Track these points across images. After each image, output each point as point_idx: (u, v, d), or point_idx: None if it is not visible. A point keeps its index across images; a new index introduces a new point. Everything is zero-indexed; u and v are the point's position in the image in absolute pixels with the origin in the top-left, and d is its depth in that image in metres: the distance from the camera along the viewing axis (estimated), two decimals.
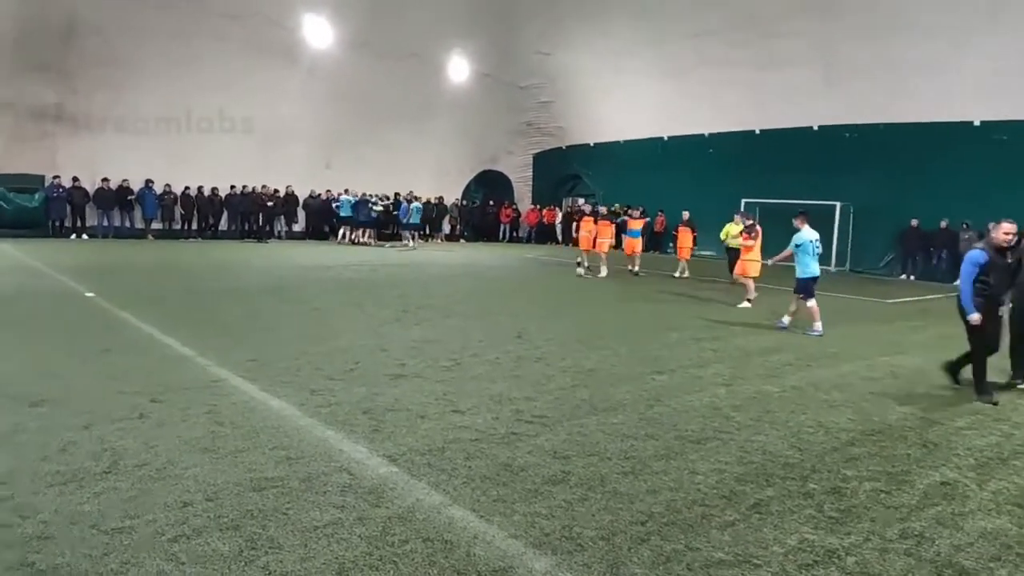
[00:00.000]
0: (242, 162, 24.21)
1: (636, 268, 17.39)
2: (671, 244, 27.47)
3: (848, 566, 3.31)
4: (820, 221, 21.93)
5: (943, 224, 19.75)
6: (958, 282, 6.63)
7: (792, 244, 10.35)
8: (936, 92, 19.52)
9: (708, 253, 22.67)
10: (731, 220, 15.98)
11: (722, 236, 16.32)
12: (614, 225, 18.37)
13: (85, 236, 21.58)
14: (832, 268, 21.82)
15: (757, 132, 24.45)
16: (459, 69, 29.71)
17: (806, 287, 10.07)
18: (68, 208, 21.49)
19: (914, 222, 20.41)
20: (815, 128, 22.90)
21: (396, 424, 5.07)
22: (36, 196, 21.02)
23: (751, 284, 12.90)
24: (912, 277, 20.63)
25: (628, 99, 27.56)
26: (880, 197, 21.19)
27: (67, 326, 8.19)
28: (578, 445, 4.79)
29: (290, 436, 4.73)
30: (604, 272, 16.46)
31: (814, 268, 10.14)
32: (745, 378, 7.00)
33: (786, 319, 10.33)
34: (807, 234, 10.24)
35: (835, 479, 4.40)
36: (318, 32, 25.37)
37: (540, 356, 7.61)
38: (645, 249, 19.75)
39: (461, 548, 3.32)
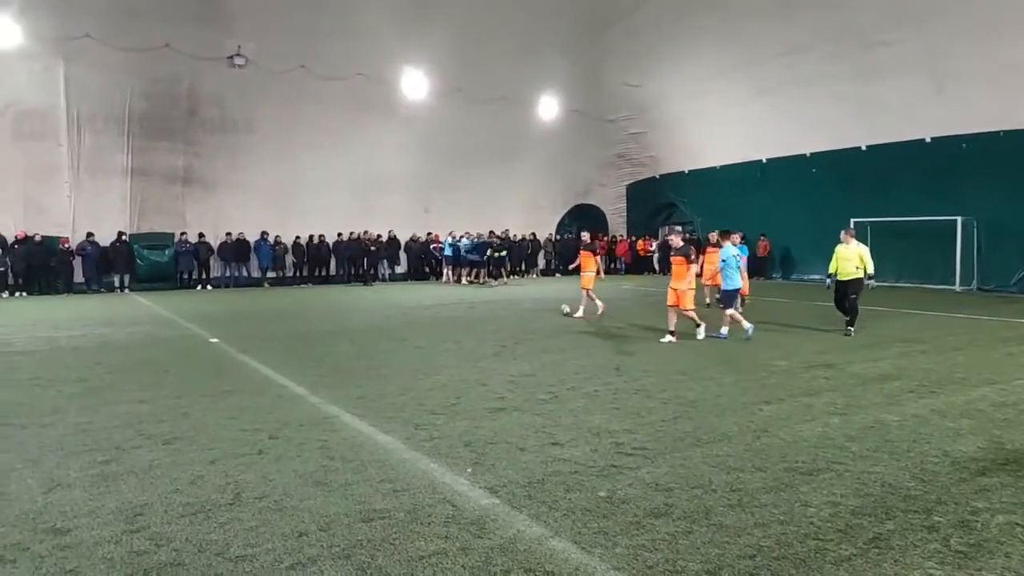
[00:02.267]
0: (346, 210, 25.72)
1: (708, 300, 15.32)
2: (777, 270, 26.55)
3: None
4: (940, 237, 20.72)
5: None
6: None
7: (720, 260, 11.54)
8: None
9: (815, 277, 21.67)
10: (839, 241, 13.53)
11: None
12: (598, 256, 15.64)
13: (209, 287, 23.39)
14: (957, 287, 20.27)
15: (863, 148, 23.30)
16: (548, 107, 30.24)
17: (731, 298, 11.36)
18: (194, 261, 23.40)
19: None
20: (928, 140, 21.54)
21: (496, 456, 5.14)
22: (166, 252, 23.09)
23: (694, 314, 10.99)
24: None
25: (721, 124, 27.07)
26: (1007, 210, 19.62)
27: (195, 369, 8.87)
28: (681, 477, 4.67)
29: (396, 469, 4.89)
30: (580, 311, 14.18)
31: (738, 281, 11.52)
32: (861, 407, 6.60)
33: (724, 329, 11.24)
34: (731, 250, 11.59)
35: (963, 512, 4.06)
36: (413, 84, 26.64)
37: (639, 388, 7.50)
38: (749, 275, 17.50)
39: None
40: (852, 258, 11.24)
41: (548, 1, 26.81)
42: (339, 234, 25.92)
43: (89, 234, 21.65)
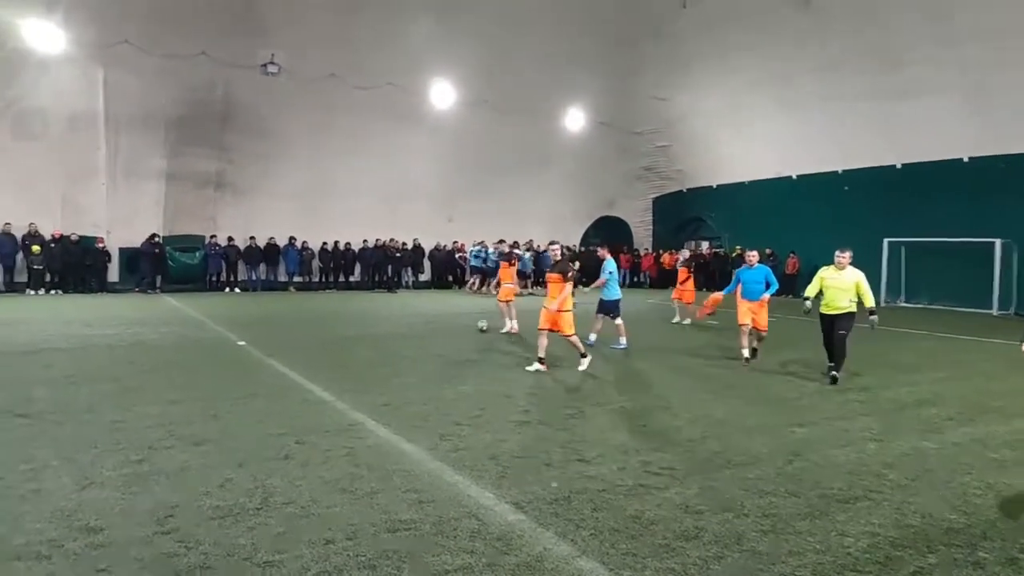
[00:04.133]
0: (372, 218, 25.96)
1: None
2: (803, 288, 26.10)
3: None
4: (978, 259, 20.26)
5: None
6: None
7: (605, 272, 11.70)
8: None
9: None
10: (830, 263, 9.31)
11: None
12: (514, 266, 14.65)
13: (237, 289, 23.68)
14: (994, 311, 19.79)
15: (898, 166, 22.92)
16: (575, 119, 30.23)
17: (615, 307, 11.68)
18: (223, 264, 23.73)
19: None
20: (965, 160, 21.12)
21: (522, 471, 5.09)
22: (197, 254, 23.45)
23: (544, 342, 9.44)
24: None
25: (751, 139, 26.85)
26: None
27: (223, 372, 8.96)
28: (711, 500, 4.58)
29: (421, 479, 4.87)
30: (511, 325, 13.16)
31: (617, 291, 11.79)
32: (898, 433, 6.44)
33: (592, 336, 11.56)
34: (612, 264, 11.94)
35: (1011, 548, 3.92)
36: (442, 94, 26.83)
37: (666, 405, 7.41)
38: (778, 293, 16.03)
39: None
40: (846, 288, 8.79)
41: (577, 14, 26.91)
42: (364, 241, 26.13)
43: (153, 235, 22.24)
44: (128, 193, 22.58)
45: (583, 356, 9.39)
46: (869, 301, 8.80)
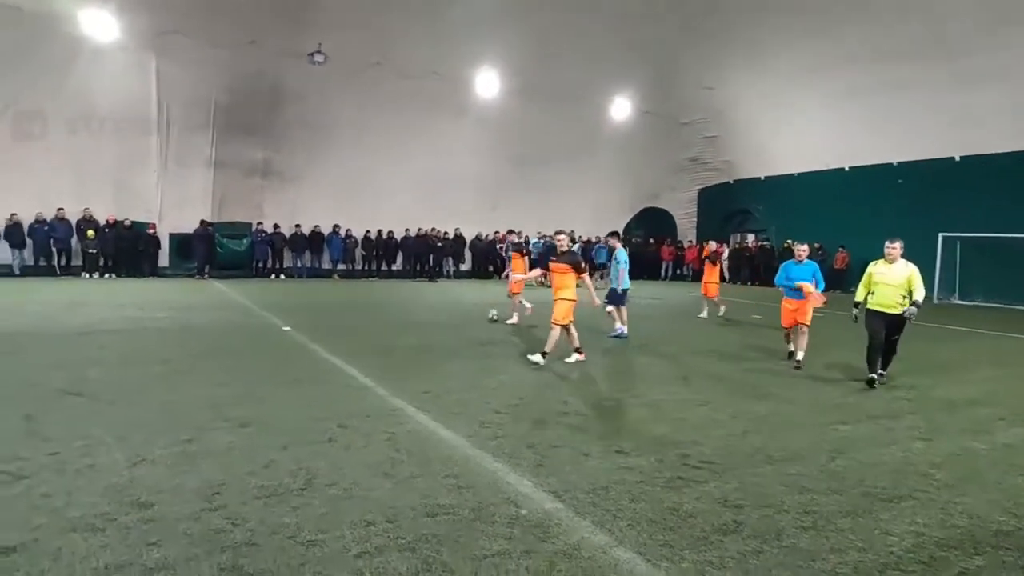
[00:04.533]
0: (415, 207, 26.20)
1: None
2: (855, 284, 25.43)
3: None
4: None
5: None
6: None
7: (622, 263, 11.62)
8: None
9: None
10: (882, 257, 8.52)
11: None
12: (525, 257, 14.59)
13: (283, 276, 24.20)
14: None
15: (957, 159, 22.11)
16: (620, 108, 29.94)
17: (625, 297, 11.71)
18: (269, 251, 24.26)
19: None
20: None
21: (560, 460, 5.11)
22: (244, 241, 24.04)
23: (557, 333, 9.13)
24: None
25: (802, 129, 26.19)
26: None
27: (269, 356, 9.18)
28: (751, 495, 4.53)
29: (460, 465, 4.93)
30: (515, 318, 13.13)
31: (628, 281, 11.73)
32: (946, 432, 6.26)
33: (622, 327, 11.64)
34: (624, 253, 11.82)
35: None
36: (486, 83, 26.85)
37: (706, 400, 7.33)
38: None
39: None
40: (899, 283, 8.05)
41: (623, 1, 26.55)
42: (407, 230, 26.41)
43: (203, 221, 23.01)
44: (178, 180, 23.26)
45: (577, 350, 9.20)
46: (919, 294, 8.00)
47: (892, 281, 8.10)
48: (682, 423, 6.31)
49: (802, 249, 9.84)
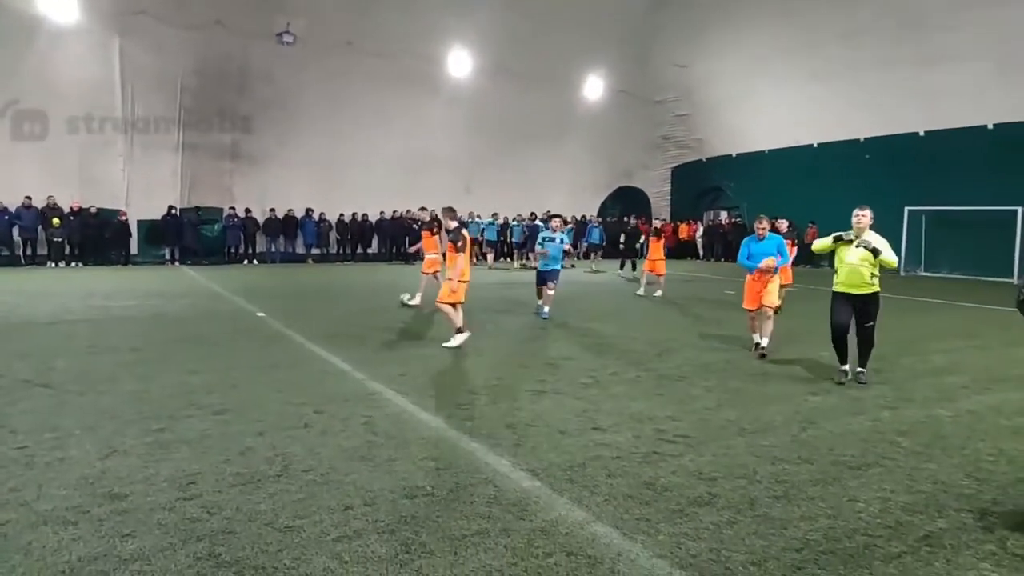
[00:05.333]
0: (389, 188, 25.90)
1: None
2: (825, 259, 25.82)
3: None
4: (1000, 228, 19.89)
5: None
6: None
7: (556, 241, 11.58)
8: None
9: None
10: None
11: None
12: (436, 236, 13.78)
13: (255, 261, 23.88)
14: (1016, 280, 19.49)
15: (921, 134, 22.47)
16: (594, 87, 29.87)
17: (555, 276, 11.65)
18: (241, 236, 23.89)
19: None
20: (990, 127, 20.65)
21: (537, 439, 5.14)
22: (215, 226, 23.64)
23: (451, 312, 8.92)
24: None
25: (772, 106, 26.40)
26: None
27: (242, 342, 9.08)
28: (725, 467, 4.61)
29: (438, 447, 4.94)
30: (417, 299, 12.74)
31: (558, 262, 11.79)
32: (912, 401, 6.42)
33: (546, 308, 11.57)
34: (548, 232, 11.85)
35: (1022, 515, 3.92)
36: (459, 62, 26.58)
37: (683, 375, 7.41)
38: (795, 263, 14.02)
39: (605, 564, 3.31)
40: (865, 259, 6.89)
41: None
42: (381, 212, 26.17)
43: (231, 208, 22.90)
44: (145, 165, 22.73)
45: (459, 331, 8.72)
46: (887, 260, 6.83)
47: (859, 256, 6.92)
48: (659, 398, 6.38)
49: (762, 226, 8.69)
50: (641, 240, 20.28)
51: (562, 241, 11.82)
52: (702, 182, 31.68)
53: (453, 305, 8.78)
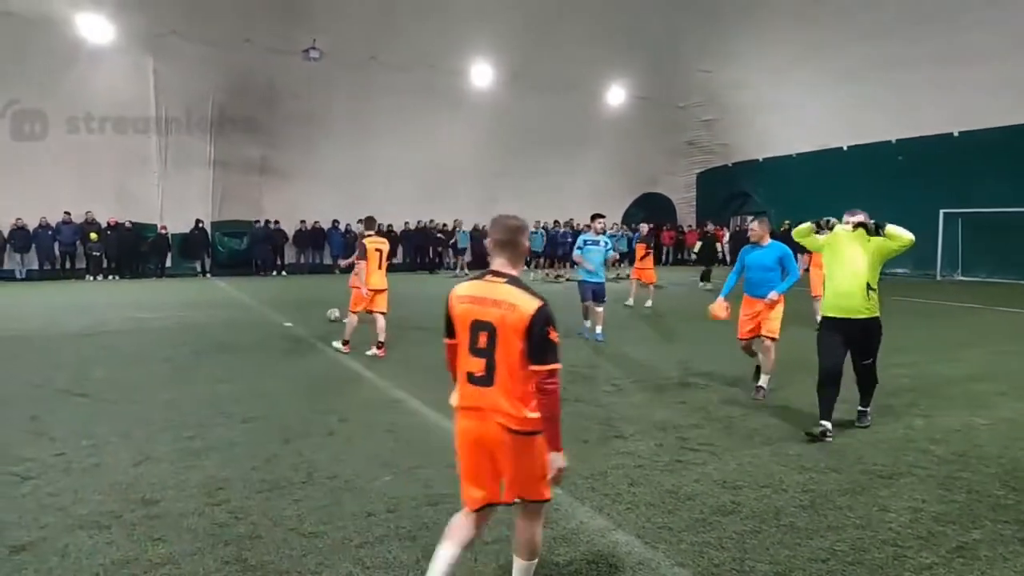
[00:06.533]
0: (414, 199, 26.13)
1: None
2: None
3: None
4: None
5: None
6: None
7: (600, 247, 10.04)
8: None
9: (898, 271, 20.71)
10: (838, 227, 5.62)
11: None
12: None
13: (284, 272, 24.24)
14: None
15: (956, 134, 21.97)
16: (616, 94, 29.84)
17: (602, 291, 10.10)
18: (270, 248, 24.30)
19: None
20: None
21: None
22: (244, 239, 24.09)
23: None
24: None
25: (799, 110, 26.05)
26: None
27: (270, 352, 9.22)
28: (749, 476, 4.56)
29: None
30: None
31: (602, 273, 10.10)
32: (946, 408, 6.28)
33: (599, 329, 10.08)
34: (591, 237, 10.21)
35: None
36: (481, 74, 26.78)
37: (707, 383, 7.34)
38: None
39: (626, 572, 3.30)
40: (863, 269, 5.26)
41: None
42: (406, 223, 26.42)
43: (257, 221, 23.38)
44: (178, 180, 23.23)
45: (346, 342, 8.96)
46: (898, 234, 5.16)
47: (854, 266, 5.28)
48: (682, 407, 6.33)
49: (755, 226, 7.00)
50: (719, 247, 19.69)
51: (606, 246, 10.11)
52: (728, 188, 31.38)
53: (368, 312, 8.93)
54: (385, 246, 9.35)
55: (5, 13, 19.31)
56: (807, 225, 5.62)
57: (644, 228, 16.31)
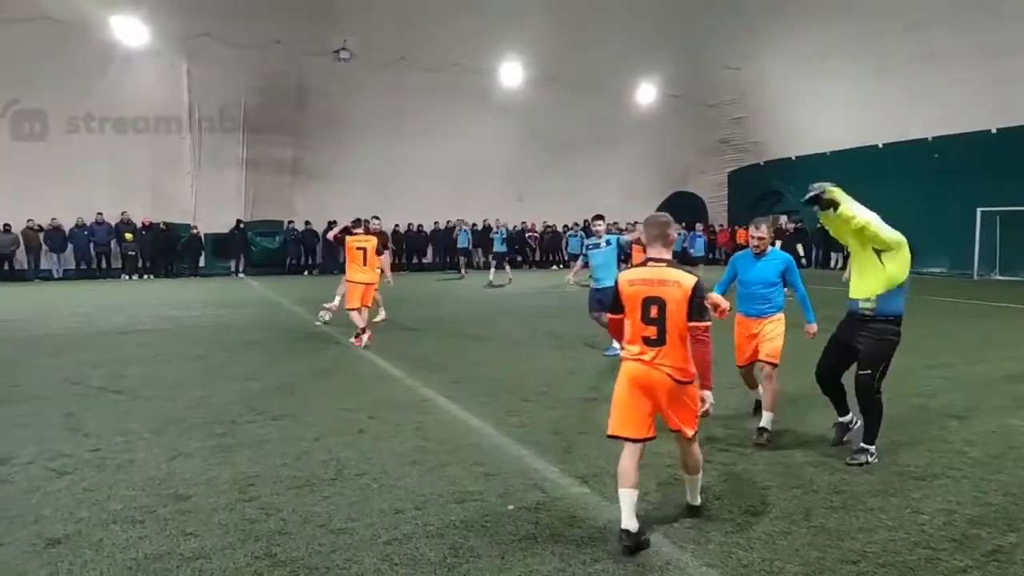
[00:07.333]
0: (442, 199, 26.33)
1: None
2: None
3: None
4: None
5: None
6: None
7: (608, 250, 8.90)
8: None
9: (935, 270, 20.24)
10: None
11: None
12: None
13: (315, 272, 24.54)
14: None
15: (994, 131, 21.38)
16: (646, 93, 29.65)
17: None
18: (301, 248, 24.62)
19: None
20: None
21: (587, 446, 5.12)
22: (276, 239, 24.44)
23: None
24: None
25: (832, 106, 25.59)
26: None
27: (300, 350, 9.35)
28: (780, 476, 4.50)
29: (488, 453, 4.98)
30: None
31: (611, 277, 8.48)
32: (984, 409, 6.12)
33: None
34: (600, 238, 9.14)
35: None
36: (510, 73, 26.81)
37: (734, 383, 7.23)
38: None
39: (654, 572, 3.28)
40: (855, 257, 5.02)
41: None
42: (435, 223, 26.56)
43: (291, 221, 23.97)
44: (211, 180, 23.71)
45: (361, 332, 9.50)
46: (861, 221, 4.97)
47: (851, 249, 5.05)
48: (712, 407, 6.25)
49: (756, 230, 5.67)
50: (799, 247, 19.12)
51: (611, 245, 9.00)
52: (760, 186, 30.92)
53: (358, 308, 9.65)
54: (370, 243, 9.97)
55: (42, 17, 19.86)
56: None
57: (639, 228, 15.81)
